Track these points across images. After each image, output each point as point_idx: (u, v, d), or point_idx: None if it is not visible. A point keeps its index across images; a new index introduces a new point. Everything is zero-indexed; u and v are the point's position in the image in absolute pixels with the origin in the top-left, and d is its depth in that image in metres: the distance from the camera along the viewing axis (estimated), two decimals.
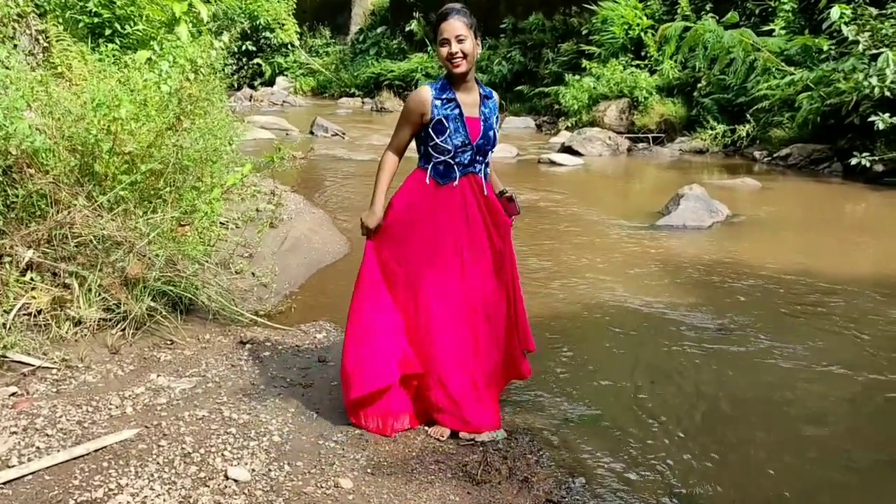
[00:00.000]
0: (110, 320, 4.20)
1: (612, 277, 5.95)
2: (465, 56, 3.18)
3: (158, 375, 3.78)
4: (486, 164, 3.41)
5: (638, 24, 16.51)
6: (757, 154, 12.74)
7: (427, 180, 3.31)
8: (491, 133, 3.35)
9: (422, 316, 3.33)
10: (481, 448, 3.26)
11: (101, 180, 4.91)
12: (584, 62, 16.89)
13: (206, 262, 4.89)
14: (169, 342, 4.22)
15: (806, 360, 4.43)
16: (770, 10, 14.03)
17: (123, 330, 4.19)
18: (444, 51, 3.22)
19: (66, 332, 4.01)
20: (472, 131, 3.27)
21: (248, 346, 4.26)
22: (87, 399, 3.47)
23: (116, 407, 3.41)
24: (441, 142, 3.26)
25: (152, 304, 4.30)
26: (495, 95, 3.47)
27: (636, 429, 3.57)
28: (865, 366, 4.35)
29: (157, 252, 4.45)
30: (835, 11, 10.42)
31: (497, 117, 3.43)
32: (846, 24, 10.52)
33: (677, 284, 5.82)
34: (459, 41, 3.17)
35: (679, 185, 9.50)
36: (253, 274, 5.45)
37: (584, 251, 6.77)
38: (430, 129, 3.27)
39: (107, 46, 8.30)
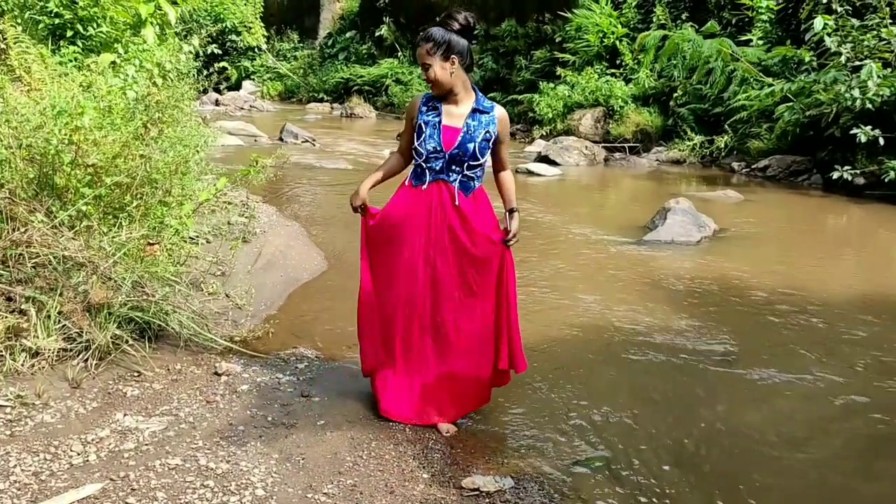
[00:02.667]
0: (71, 350, 3.81)
1: (602, 298, 5.68)
2: (432, 81, 3.29)
3: (125, 415, 3.42)
4: (466, 176, 3.40)
5: (613, 33, 16.37)
6: (735, 165, 12.62)
7: (406, 181, 3.49)
8: (470, 145, 3.33)
9: (385, 307, 3.53)
10: (488, 499, 2.95)
11: (62, 194, 4.54)
12: (559, 70, 16.69)
13: (177, 283, 4.51)
14: (136, 374, 3.85)
15: (811, 388, 4.20)
16: (747, 20, 13.94)
17: (86, 361, 3.80)
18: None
19: (22, 365, 3.62)
20: (445, 139, 3.33)
21: (223, 378, 3.90)
22: (45, 444, 3.10)
23: (78, 454, 3.04)
24: (418, 145, 3.38)
25: (118, 331, 3.92)
26: (496, 112, 3.44)
27: (648, 470, 3.29)
28: (866, 394, 4.13)
29: (123, 275, 4.08)
30: (818, 22, 10.28)
31: (489, 132, 3.39)
32: (829, 34, 10.39)
33: (671, 305, 5.56)
34: (425, 69, 3.30)
35: (660, 196, 9.33)
36: (227, 295, 5.09)
37: (572, 268, 6.50)
38: (414, 132, 3.42)
39: (68, 49, 7.91)
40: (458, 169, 3.35)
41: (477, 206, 3.44)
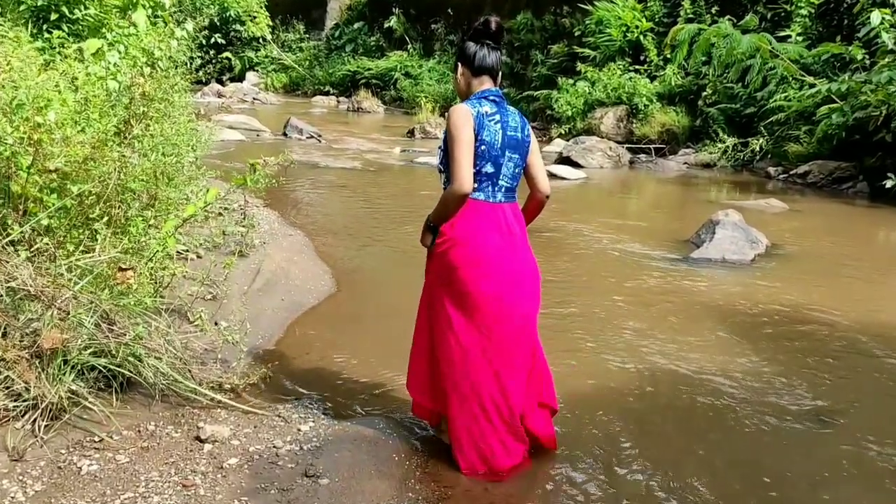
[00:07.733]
0: (14, 410, 3.01)
1: (652, 330, 4.85)
2: None
3: None
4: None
5: (637, 27, 15.49)
6: (771, 170, 11.77)
7: None
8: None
9: None
10: None
11: (19, 205, 3.73)
12: (579, 65, 15.83)
13: (155, 318, 3.68)
14: (97, 440, 3.04)
15: None
16: (784, 14, 13.06)
17: (33, 422, 3.00)
18: None
19: None
20: None
21: (206, 447, 3.08)
22: None
23: None
24: None
25: (75, 385, 3.11)
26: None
27: None
28: None
29: (84, 310, 3.27)
30: (875, 16, 9.39)
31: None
32: (885, 30, 9.52)
33: (738, 342, 4.73)
34: None
35: (695, 203, 8.58)
36: (216, 324, 4.27)
37: (610, 292, 5.65)
38: None
39: (51, 33, 7.13)
40: None
41: None
